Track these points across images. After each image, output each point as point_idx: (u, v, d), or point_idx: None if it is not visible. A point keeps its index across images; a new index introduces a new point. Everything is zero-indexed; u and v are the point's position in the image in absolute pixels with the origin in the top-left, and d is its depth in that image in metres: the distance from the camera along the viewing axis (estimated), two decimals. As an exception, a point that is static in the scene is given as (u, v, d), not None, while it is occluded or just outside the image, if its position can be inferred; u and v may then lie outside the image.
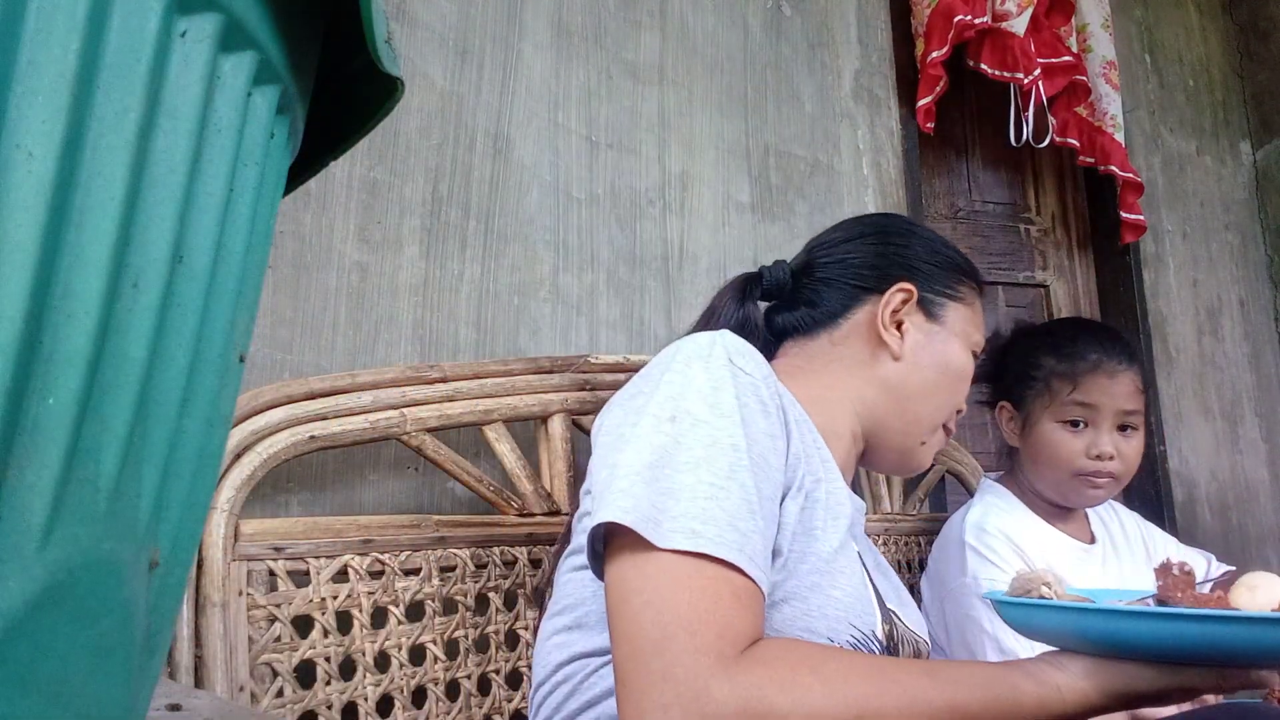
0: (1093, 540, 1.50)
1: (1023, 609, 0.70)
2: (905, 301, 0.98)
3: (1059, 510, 1.46)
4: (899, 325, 0.98)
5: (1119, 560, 1.54)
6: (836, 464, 0.91)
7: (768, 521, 0.74)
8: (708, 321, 1.02)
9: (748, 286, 1.05)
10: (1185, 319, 2.35)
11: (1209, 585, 1.64)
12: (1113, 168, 2.11)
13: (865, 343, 0.98)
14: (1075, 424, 1.38)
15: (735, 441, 0.74)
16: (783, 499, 0.80)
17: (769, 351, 1.03)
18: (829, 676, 0.65)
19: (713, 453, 0.73)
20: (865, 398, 0.97)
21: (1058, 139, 2.10)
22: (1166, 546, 1.63)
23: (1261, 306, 2.48)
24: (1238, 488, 2.32)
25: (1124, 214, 2.17)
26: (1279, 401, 2.43)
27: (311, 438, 1.01)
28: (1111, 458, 1.37)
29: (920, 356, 0.98)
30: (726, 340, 0.82)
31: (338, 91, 0.31)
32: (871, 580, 0.85)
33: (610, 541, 0.71)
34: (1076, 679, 0.67)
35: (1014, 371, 1.46)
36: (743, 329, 0.99)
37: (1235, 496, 2.31)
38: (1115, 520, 1.56)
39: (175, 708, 0.36)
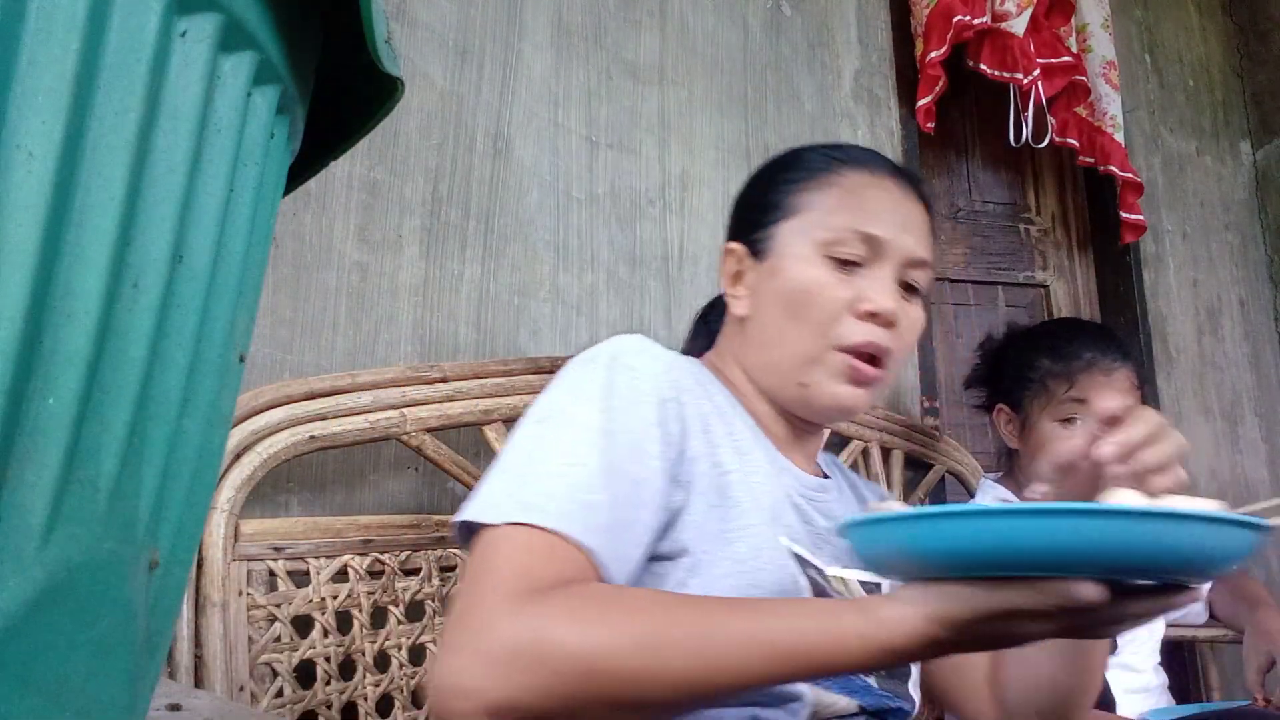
0: None
1: (852, 529, 0.62)
2: (740, 259, 0.93)
3: None
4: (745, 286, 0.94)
5: None
6: (773, 442, 0.90)
7: (628, 499, 0.73)
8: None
9: (705, 314, 1.06)
10: (1185, 319, 2.35)
11: (1206, 584, 1.64)
12: (1112, 168, 2.11)
13: (734, 320, 0.95)
14: (1073, 422, 1.39)
15: (593, 423, 0.74)
16: (685, 497, 0.78)
17: None
18: (622, 609, 0.63)
19: (565, 435, 0.74)
20: (748, 367, 0.93)
21: (1057, 139, 2.10)
22: None
23: (1261, 306, 2.48)
24: (1238, 488, 2.32)
25: (1124, 214, 2.17)
26: (1279, 401, 2.43)
27: (311, 438, 1.01)
28: None
29: (760, 304, 0.91)
30: (619, 343, 0.83)
31: (338, 91, 0.31)
32: (813, 576, 0.82)
33: None
34: (903, 606, 0.60)
35: (1010, 374, 1.47)
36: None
37: (1235, 496, 2.31)
38: None
39: (175, 708, 0.36)
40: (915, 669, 0.90)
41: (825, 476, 0.97)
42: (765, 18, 1.82)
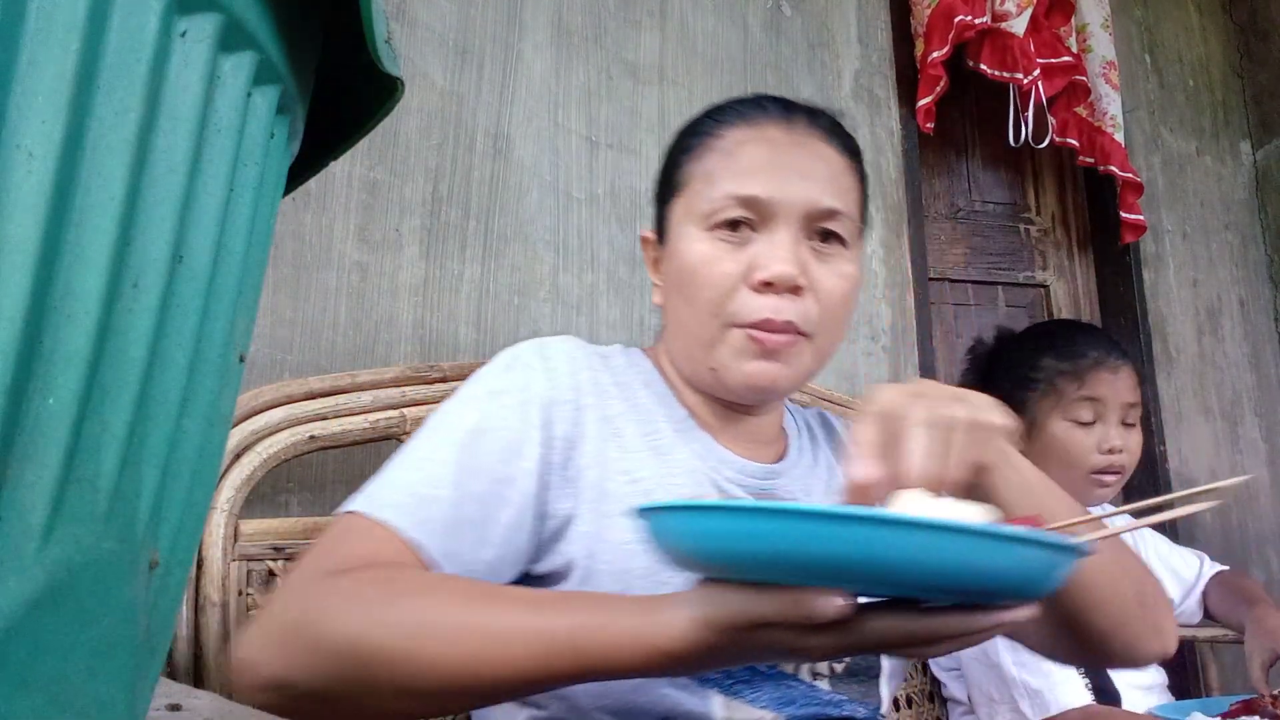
0: None
1: (639, 519, 0.55)
2: (655, 246, 0.90)
3: None
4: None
5: None
6: (710, 432, 0.85)
7: (483, 497, 0.71)
8: None
9: None
10: (1185, 319, 2.35)
11: (1199, 585, 1.66)
12: (1112, 168, 2.11)
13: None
14: (1084, 422, 1.40)
15: (466, 421, 0.74)
16: (574, 505, 0.75)
17: None
18: (407, 592, 0.61)
19: (434, 434, 0.74)
20: (672, 356, 0.88)
21: (1057, 139, 2.10)
22: (1159, 547, 1.63)
23: (1261, 306, 2.48)
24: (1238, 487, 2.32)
25: (1124, 214, 2.17)
26: (1279, 401, 2.43)
27: (311, 438, 1.01)
28: (1121, 451, 1.40)
29: (667, 290, 0.85)
30: (528, 344, 0.83)
31: (338, 91, 0.31)
32: None
33: None
34: (678, 607, 0.55)
35: (1008, 376, 1.46)
36: None
37: (1235, 496, 2.31)
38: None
39: (175, 708, 0.36)
40: (886, 664, 0.83)
41: (784, 456, 0.89)
42: (765, 18, 1.82)
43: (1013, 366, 1.47)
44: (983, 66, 1.97)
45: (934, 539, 0.46)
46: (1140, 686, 1.39)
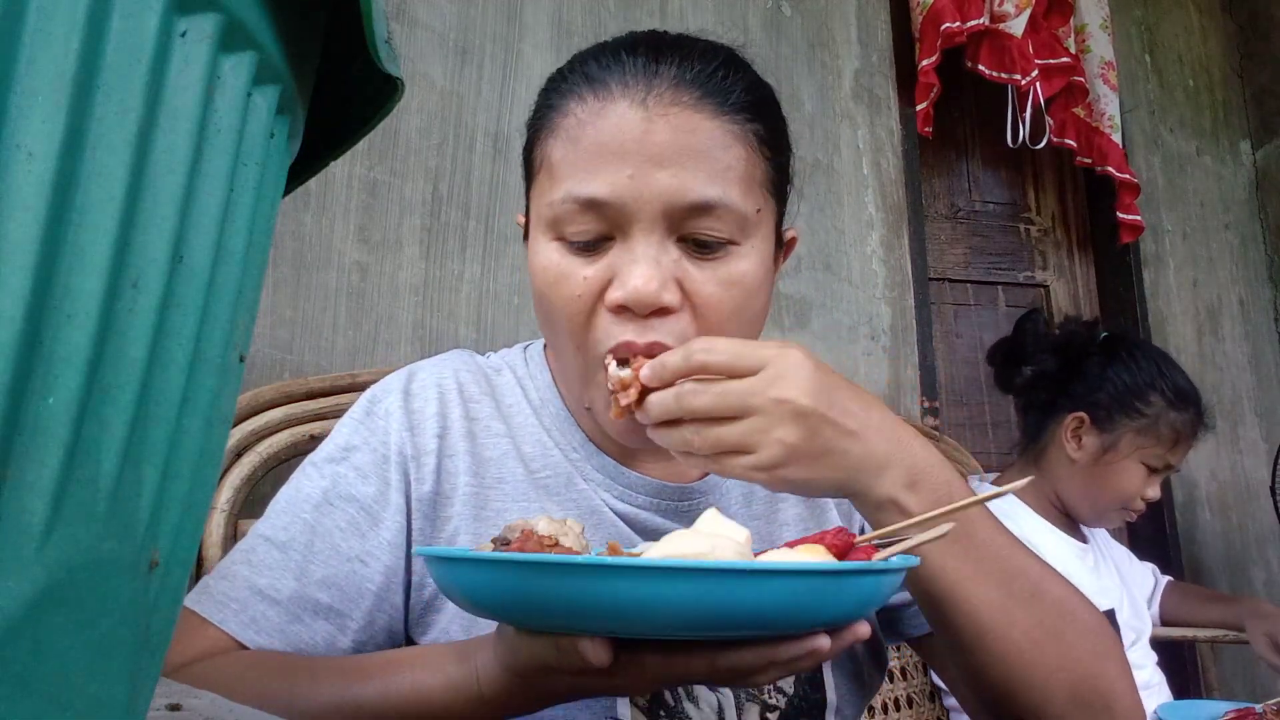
0: (1085, 541, 1.53)
1: (434, 564, 0.52)
2: (524, 225, 0.80)
3: (1065, 519, 1.49)
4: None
5: (1105, 561, 1.56)
6: (613, 454, 0.74)
7: (330, 582, 0.66)
8: None
9: None
10: (1185, 319, 2.35)
11: (1157, 596, 1.68)
12: (1109, 168, 2.12)
13: None
14: (1152, 469, 1.43)
15: (314, 492, 0.68)
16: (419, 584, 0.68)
17: None
18: (222, 676, 0.58)
19: (277, 506, 0.69)
20: (556, 372, 0.77)
21: (1055, 140, 2.10)
22: (1119, 561, 1.63)
23: (1261, 306, 2.48)
24: (1238, 488, 2.32)
25: (1121, 215, 2.17)
26: (1279, 401, 2.43)
27: (311, 438, 1.01)
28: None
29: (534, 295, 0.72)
30: (388, 384, 0.74)
31: (338, 91, 0.31)
32: None
33: None
34: (489, 651, 0.54)
35: (1110, 392, 1.43)
36: None
37: (1235, 496, 2.31)
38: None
39: (175, 708, 0.36)
40: (833, 696, 0.74)
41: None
42: (765, 18, 1.82)
43: (1117, 384, 1.44)
44: (981, 67, 1.97)
45: (645, 583, 0.44)
46: (1140, 686, 1.40)
